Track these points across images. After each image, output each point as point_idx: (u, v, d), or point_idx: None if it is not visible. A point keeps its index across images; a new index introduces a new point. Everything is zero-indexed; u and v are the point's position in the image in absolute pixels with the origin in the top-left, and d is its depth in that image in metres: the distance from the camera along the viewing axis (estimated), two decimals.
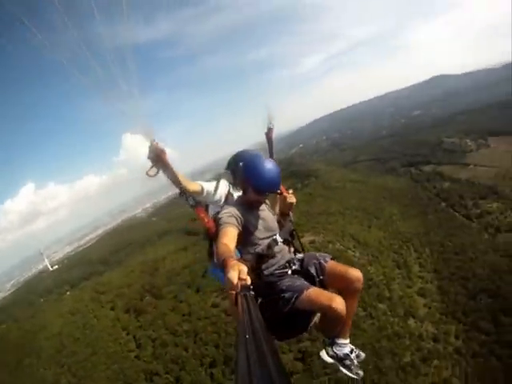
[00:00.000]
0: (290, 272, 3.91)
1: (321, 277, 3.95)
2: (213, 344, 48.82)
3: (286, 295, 3.59)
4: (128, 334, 58.46)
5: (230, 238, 3.27)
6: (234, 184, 4.71)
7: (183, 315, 57.04)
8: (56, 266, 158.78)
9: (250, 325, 1.49)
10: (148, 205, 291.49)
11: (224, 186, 4.71)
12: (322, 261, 4.05)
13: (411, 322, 50.77)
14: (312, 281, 3.90)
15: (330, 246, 65.69)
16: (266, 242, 3.87)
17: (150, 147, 3.73)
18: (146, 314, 60.69)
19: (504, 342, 44.50)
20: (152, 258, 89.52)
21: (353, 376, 3.68)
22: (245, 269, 2.33)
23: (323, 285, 3.91)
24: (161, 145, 3.78)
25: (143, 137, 3.70)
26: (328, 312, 3.42)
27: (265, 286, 3.70)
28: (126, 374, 50.53)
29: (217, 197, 4.58)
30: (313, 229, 72.30)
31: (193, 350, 49.72)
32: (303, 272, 4.03)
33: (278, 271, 3.85)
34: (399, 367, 41.58)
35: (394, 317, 50.99)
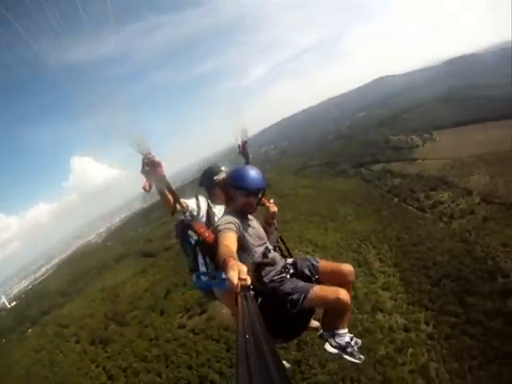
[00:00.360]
0: (288, 276, 4.18)
1: (316, 276, 4.29)
2: (185, 366, 47.93)
3: (294, 297, 3.78)
4: (97, 366, 55.89)
5: (230, 241, 3.40)
6: (211, 198, 4.89)
7: (151, 340, 55.84)
8: (14, 303, 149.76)
9: (249, 325, 1.53)
10: (102, 229, 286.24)
11: (203, 203, 4.89)
12: (314, 262, 4.43)
13: (380, 316, 51.39)
14: (309, 281, 4.17)
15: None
16: (260, 249, 4.09)
17: (144, 160, 3.78)
18: (113, 342, 58.84)
19: (474, 321, 46.78)
20: (111, 284, 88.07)
21: (357, 361, 4.03)
22: (245, 269, 2.40)
23: (319, 283, 4.16)
24: (157, 157, 3.84)
25: (136, 149, 3.71)
26: (336, 304, 3.77)
27: (269, 293, 3.83)
28: None
29: (201, 213, 4.74)
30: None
31: (166, 375, 48.29)
32: (299, 274, 4.32)
33: (276, 277, 4.07)
34: (376, 361, 41.96)
35: (362, 314, 51.16)
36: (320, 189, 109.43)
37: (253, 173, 4.00)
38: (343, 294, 3.70)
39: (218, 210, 4.83)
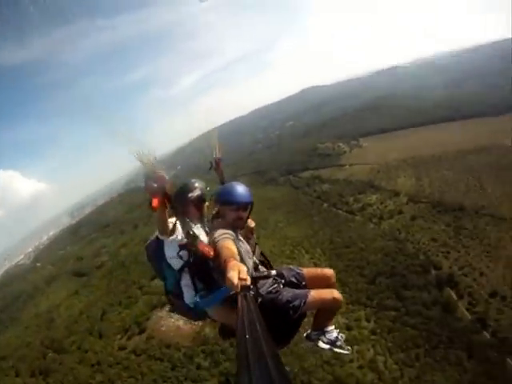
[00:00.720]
0: (281, 286, 4.21)
1: (303, 283, 4.41)
2: None
3: (296, 303, 3.92)
4: None
5: (230, 245, 3.44)
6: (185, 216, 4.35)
7: (92, 366, 53.53)
8: None
9: (249, 325, 1.56)
10: (30, 249, 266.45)
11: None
12: (298, 270, 4.56)
13: None
14: (298, 288, 4.29)
15: None
16: (251, 263, 4.12)
17: (150, 175, 3.50)
18: (54, 372, 55.25)
19: (413, 312, 49.57)
20: (45, 308, 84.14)
21: (346, 352, 4.37)
22: (245, 269, 2.46)
23: (306, 289, 4.33)
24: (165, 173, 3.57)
25: (141, 162, 3.46)
26: (333, 303, 4.10)
27: (268, 303, 3.92)
28: None
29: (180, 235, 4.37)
30: None
31: None
32: (288, 283, 4.38)
33: (271, 288, 4.13)
34: (323, 362, 42.27)
35: None
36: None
37: (240, 188, 4.21)
38: (337, 293, 4.05)
39: (216, 223, 4.57)
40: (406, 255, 61.59)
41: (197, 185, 4.61)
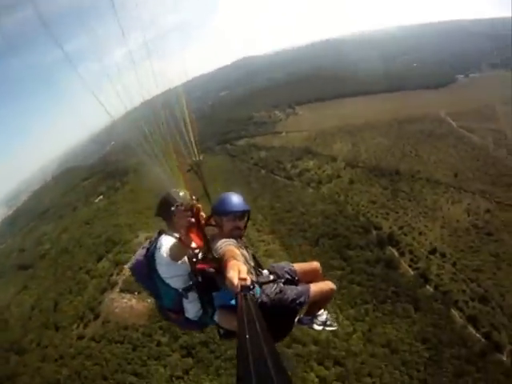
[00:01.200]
0: (282, 285, 4.16)
1: (296, 278, 4.49)
2: (100, 377, 44.88)
3: (302, 299, 3.99)
4: None
5: (234, 249, 3.49)
6: (170, 227, 4.18)
7: (56, 361, 50.57)
8: None
9: (249, 325, 1.57)
10: None
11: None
12: (290, 267, 4.62)
13: None
14: (293, 284, 4.37)
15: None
16: (251, 269, 4.06)
17: (191, 209, 3.25)
18: (20, 376, 51.55)
19: (358, 270, 51.40)
20: None
21: (335, 328, 4.78)
22: (245, 268, 2.50)
23: (299, 283, 4.46)
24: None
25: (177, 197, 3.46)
26: (330, 293, 4.36)
27: (277, 304, 3.88)
28: None
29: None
30: (145, 226, 70.10)
31: None
32: (285, 281, 4.41)
33: (274, 289, 4.04)
34: None
35: None
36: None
37: (234, 198, 4.18)
38: (332, 285, 4.33)
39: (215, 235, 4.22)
40: (347, 217, 62.86)
41: (181, 194, 4.01)
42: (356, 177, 74.70)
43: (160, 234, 4.15)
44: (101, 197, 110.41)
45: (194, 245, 3.53)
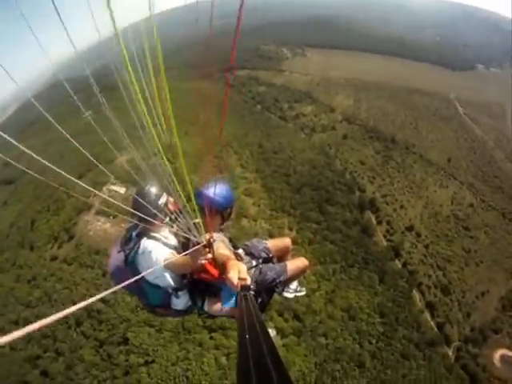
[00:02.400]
0: (261, 266, 4.23)
1: (270, 255, 4.50)
2: (69, 302, 43.33)
3: (281, 278, 4.11)
4: None
5: (224, 248, 3.48)
6: (149, 228, 3.79)
7: (29, 281, 51.53)
8: None
9: (249, 325, 1.56)
10: None
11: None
12: (264, 244, 4.55)
13: (244, 222, 51.08)
14: (268, 261, 4.43)
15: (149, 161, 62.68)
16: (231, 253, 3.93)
17: (203, 246, 2.85)
18: None
19: (334, 228, 50.71)
20: None
21: (304, 293, 4.76)
22: (244, 268, 2.41)
23: (273, 259, 4.53)
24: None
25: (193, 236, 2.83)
26: (305, 269, 4.37)
27: (260, 284, 4.01)
28: None
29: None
30: (128, 146, 67.06)
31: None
32: (261, 259, 4.47)
33: (254, 271, 4.11)
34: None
35: None
36: (180, 90, 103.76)
37: (226, 191, 4.00)
38: (306, 261, 4.35)
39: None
40: (333, 171, 61.32)
41: (157, 189, 3.78)
42: (351, 133, 72.16)
43: (138, 236, 3.70)
44: (90, 111, 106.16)
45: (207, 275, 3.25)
